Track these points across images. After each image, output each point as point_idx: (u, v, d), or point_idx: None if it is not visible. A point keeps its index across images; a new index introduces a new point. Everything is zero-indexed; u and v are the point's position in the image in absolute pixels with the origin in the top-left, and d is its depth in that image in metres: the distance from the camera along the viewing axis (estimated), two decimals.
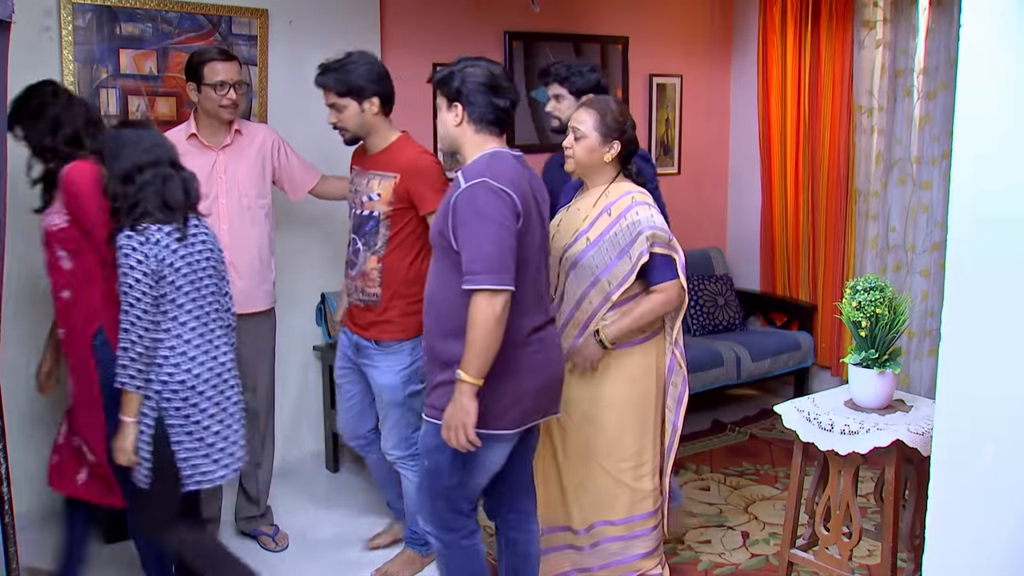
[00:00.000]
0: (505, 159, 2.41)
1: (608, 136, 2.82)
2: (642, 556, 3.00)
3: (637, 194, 2.86)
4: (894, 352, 2.64)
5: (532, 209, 2.42)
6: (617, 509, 2.95)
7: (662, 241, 2.82)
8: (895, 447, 2.53)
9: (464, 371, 2.30)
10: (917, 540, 2.66)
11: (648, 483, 2.96)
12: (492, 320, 2.26)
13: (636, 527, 2.97)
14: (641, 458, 2.94)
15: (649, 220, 2.81)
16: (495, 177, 2.32)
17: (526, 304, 2.42)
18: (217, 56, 3.17)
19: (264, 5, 3.91)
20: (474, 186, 2.32)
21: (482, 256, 2.27)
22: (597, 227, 2.84)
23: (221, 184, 3.25)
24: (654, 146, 5.39)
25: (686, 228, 5.62)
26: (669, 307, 2.87)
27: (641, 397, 2.92)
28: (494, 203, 2.29)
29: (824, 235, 5.08)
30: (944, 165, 4.52)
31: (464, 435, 2.30)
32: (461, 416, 2.30)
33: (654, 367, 2.94)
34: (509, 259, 2.29)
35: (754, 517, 3.72)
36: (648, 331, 2.91)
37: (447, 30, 4.54)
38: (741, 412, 5.03)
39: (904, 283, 4.75)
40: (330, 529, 3.66)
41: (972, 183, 1.79)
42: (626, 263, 2.80)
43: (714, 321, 5.12)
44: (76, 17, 3.52)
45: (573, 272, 2.87)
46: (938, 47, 4.47)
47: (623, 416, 2.90)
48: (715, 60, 5.58)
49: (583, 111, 2.86)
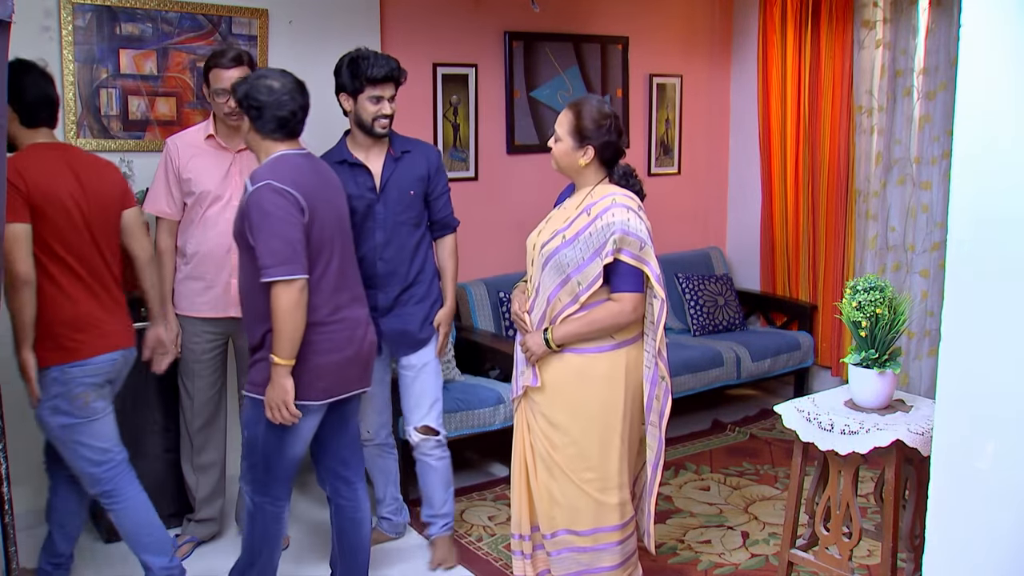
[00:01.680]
0: (289, 160, 2.67)
1: (581, 140, 2.78)
2: (608, 569, 2.92)
3: (620, 196, 2.78)
4: (894, 352, 2.64)
5: (320, 203, 2.67)
6: (581, 520, 2.87)
7: (632, 248, 2.72)
8: (895, 447, 2.53)
9: (276, 355, 2.58)
10: (917, 540, 2.66)
11: (614, 496, 2.84)
12: (291, 306, 2.55)
13: (602, 539, 2.88)
14: (606, 470, 2.83)
15: (623, 223, 2.71)
16: (277, 179, 2.58)
17: (325, 288, 2.69)
18: (223, 62, 3.14)
19: (264, 5, 3.91)
20: (259, 189, 2.57)
21: (271, 251, 2.54)
22: (575, 226, 2.79)
23: (236, 187, 3.23)
24: (654, 146, 5.39)
25: (686, 228, 5.64)
26: (621, 319, 2.76)
27: (606, 406, 2.81)
28: (278, 202, 2.56)
29: (824, 235, 5.08)
30: (944, 165, 4.52)
31: (285, 411, 2.61)
32: (280, 394, 2.60)
33: (622, 376, 2.82)
34: (298, 250, 2.56)
35: (754, 517, 3.72)
36: (616, 338, 2.81)
37: (447, 30, 4.55)
38: (741, 412, 5.03)
39: (904, 283, 4.75)
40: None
41: (972, 183, 1.80)
42: (597, 264, 2.72)
43: (714, 321, 5.12)
44: (76, 17, 3.52)
45: (546, 268, 2.82)
46: (938, 47, 4.47)
47: (587, 425, 2.81)
48: (715, 60, 5.58)
49: (564, 112, 2.84)
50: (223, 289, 3.25)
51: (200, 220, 3.23)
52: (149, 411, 3.51)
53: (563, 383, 2.83)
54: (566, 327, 2.78)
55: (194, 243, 3.25)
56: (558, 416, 2.83)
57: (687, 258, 5.42)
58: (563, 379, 2.82)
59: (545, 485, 2.89)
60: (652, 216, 5.60)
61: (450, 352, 4.18)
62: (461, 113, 4.63)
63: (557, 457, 2.85)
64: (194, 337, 3.31)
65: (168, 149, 3.28)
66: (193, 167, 3.22)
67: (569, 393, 2.82)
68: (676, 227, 5.57)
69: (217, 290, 3.25)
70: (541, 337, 2.81)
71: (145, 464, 3.35)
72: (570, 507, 2.86)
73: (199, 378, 3.35)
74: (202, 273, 3.25)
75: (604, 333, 2.79)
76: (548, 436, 2.86)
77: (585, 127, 2.77)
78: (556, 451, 2.85)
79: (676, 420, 4.82)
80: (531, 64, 4.83)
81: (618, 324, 2.77)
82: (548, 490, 2.89)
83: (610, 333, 2.79)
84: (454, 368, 4.18)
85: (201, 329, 3.31)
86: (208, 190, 3.20)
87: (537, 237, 2.92)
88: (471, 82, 4.64)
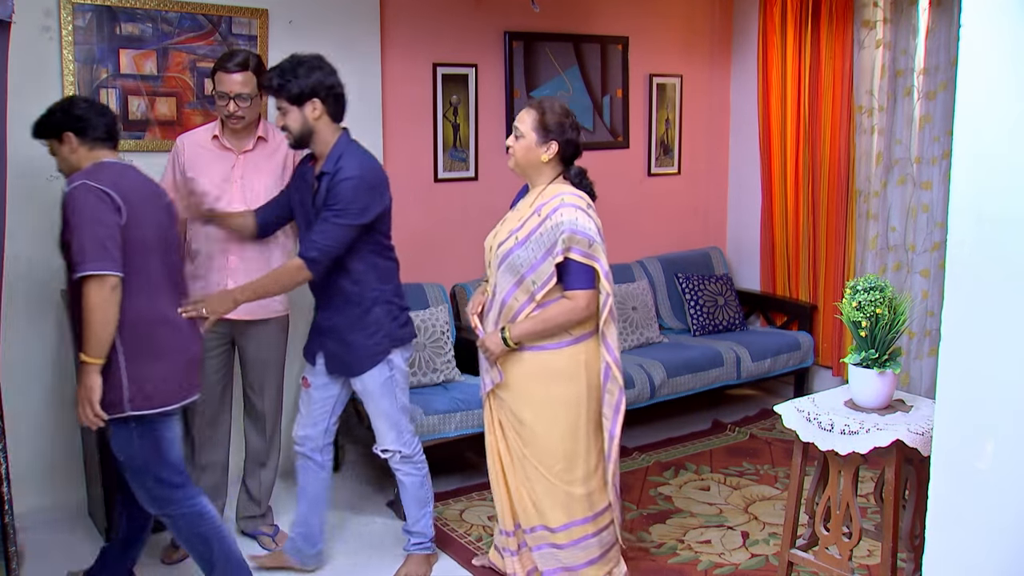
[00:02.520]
0: (110, 167, 2.68)
1: (546, 136, 2.85)
2: (587, 564, 2.99)
3: (568, 196, 2.85)
4: (894, 352, 2.64)
5: (142, 208, 2.65)
6: (555, 516, 2.94)
7: (581, 246, 2.79)
8: (895, 447, 2.53)
9: (85, 353, 2.53)
10: (917, 540, 2.66)
11: (580, 488, 2.93)
12: (101, 302, 2.50)
13: (576, 534, 2.96)
14: (573, 462, 2.92)
15: (572, 222, 2.78)
16: (94, 180, 2.58)
17: (153, 290, 2.67)
18: (229, 66, 3.12)
19: (264, 5, 3.91)
20: (74, 188, 2.58)
21: (82, 247, 2.51)
22: (527, 226, 2.87)
23: (236, 190, 3.22)
24: (654, 146, 5.39)
25: (686, 228, 5.64)
26: (575, 316, 2.83)
27: (569, 400, 2.90)
28: (91, 201, 2.54)
29: (824, 235, 5.08)
30: (944, 165, 4.52)
31: (91, 411, 2.53)
32: (86, 394, 2.53)
33: (583, 371, 2.90)
34: (109, 247, 2.53)
35: (754, 517, 3.72)
36: (572, 334, 2.88)
37: (447, 30, 4.55)
38: (741, 412, 5.03)
39: (904, 283, 4.75)
40: (329, 529, 3.66)
41: (972, 183, 1.79)
42: (550, 263, 2.81)
43: (714, 321, 5.12)
44: (76, 17, 3.52)
45: (501, 269, 2.90)
46: (938, 47, 4.47)
47: (552, 419, 2.90)
48: (715, 60, 5.58)
49: (525, 110, 2.90)
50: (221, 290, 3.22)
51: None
52: None
53: (526, 381, 2.91)
54: (522, 325, 2.86)
55: (192, 239, 3.27)
56: (524, 413, 2.92)
57: (687, 258, 5.41)
58: (526, 377, 2.90)
59: (520, 481, 2.97)
60: (652, 216, 5.64)
61: (450, 352, 4.18)
62: (461, 113, 4.63)
63: (528, 453, 2.93)
64: None
65: (176, 146, 3.31)
66: (196, 165, 3.23)
67: (532, 390, 2.91)
68: (676, 227, 5.57)
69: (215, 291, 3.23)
70: (499, 336, 2.88)
71: None
72: (543, 502, 2.94)
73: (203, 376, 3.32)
74: (203, 273, 3.25)
75: (559, 330, 2.86)
76: (518, 433, 2.95)
77: (549, 123, 2.85)
78: (527, 447, 2.94)
79: (676, 420, 4.84)
80: (531, 64, 4.83)
81: (572, 320, 2.85)
82: (523, 486, 2.97)
83: (565, 329, 2.87)
84: (454, 368, 4.18)
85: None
86: (208, 190, 3.19)
87: (493, 239, 2.98)
88: (471, 82, 4.64)
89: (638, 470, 4.20)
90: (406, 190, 4.26)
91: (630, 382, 4.33)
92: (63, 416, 3.63)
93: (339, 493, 4.02)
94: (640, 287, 4.96)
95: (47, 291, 3.56)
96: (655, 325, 4.95)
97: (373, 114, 4.28)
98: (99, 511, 3.50)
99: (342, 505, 3.89)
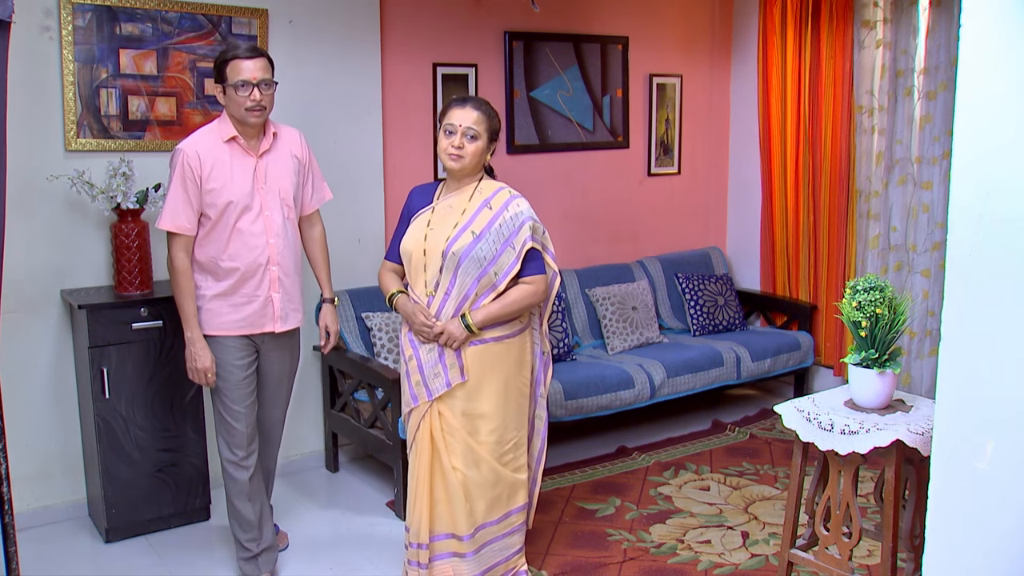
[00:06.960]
0: None
1: (493, 137, 2.98)
2: (515, 554, 3.09)
3: (508, 188, 3.01)
4: (894, 352, 2.64)
5: None
6: (498, 506, 3.02)
7: (537, 234, 2.98)
8: (895, 447, 2.52)
9: None
10: (917, 540, 2.66)
11: (523, 473, 3.07)
12: None
13: (513, 522, 3.07)
14: (519, 448, 3.05)
15: (529, 211, 2.97)
16: None
17: None
18: (241, 53, 2.94)
19: (264, 5, 3.91)
20: None
21: None
22: (480, 220, 2.92)
23: (263, 195, 3.05)
24: (654, 146, 5.39)
25: (686, 228, 5.64)
26: (537, 298, 3.00)
27: (520, 388, 3.03)
28: None
29: (825, 235, 5.08)
30: (944, 165, 4.52)
31: None
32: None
33: (528, 358, 3.07)
34: None
35: (754, 517, 3.72)
36: (523, 322, 3.03)
37: (447, 30, 4.55)
38: (741, 412, 5.03)
39: (906, 283, 4.75)
40: (329, 529, 3.67)
41: (972, 183, 1.79)
42: (510, 253, 2.92)
43: (714, 321, 5.12)
44: (76, 17, 3.52)
45: (462, 265, 2.89)
46: (938, 47, 4.47)
47: (505, 406, 2.98)
48: (715, 60, 5.58)
49: (471, 112, 2.91)
50: (262, 304, 3.09)
51: (232, 233, 3.01)
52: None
53: (485, 372, 2.95)
54: (485, 310, 2.92)
55: (228, 258, 3.03)
56: (483, 406, 2.96)
57: (687, 258, 5.42)
58: (484, 368, 2.95)
59: (462, 482, 2.95)
60: (652, 216, 5.63)
61: None
62: None
63: (478, 446, 2.96)
64: (233, 359, 3.09)
65: (186, 158, 2.97)
66: (217, 176, 2.98)
67: (491, 380, 2.96)
68: (676, 227, 5.57)
69: (255, 305, 3.08)
70: (460, 323, 2.90)
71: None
72: (490, 494, 2.99)
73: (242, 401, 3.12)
74: (240, 289, 3.05)
75: (520, 312, 2.99)
76: (476, 428, 2.96)
77: (494, 126, 2.98)
78: (479, 442, 2.96)
79: (676, 420, 4.84)
80: (531, 64, 4.83)
81: (532, 303, 2.99)
82: (467, 486, 2.96)
83: (526, 311, 3.02)
84: None
85: (236, 345, 3.10)
86: (235, 200, 2.99)
87: (435, 241, 2.92)
88: (471, 82, 4.64)
89: (638, 470, 4.20)
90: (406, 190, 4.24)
91: (630, 382, 4.33)
92: (63, 416, 3.64)
93: (339, 493, 4.03)
94: (640, 287, 4.96)
95: (47, 291, 3.57)
96: (655, 325, 4.95)
97: (373, 114, 4.28)
98: (99, 511, 3.50)
99: (342, 505, 3.89)
